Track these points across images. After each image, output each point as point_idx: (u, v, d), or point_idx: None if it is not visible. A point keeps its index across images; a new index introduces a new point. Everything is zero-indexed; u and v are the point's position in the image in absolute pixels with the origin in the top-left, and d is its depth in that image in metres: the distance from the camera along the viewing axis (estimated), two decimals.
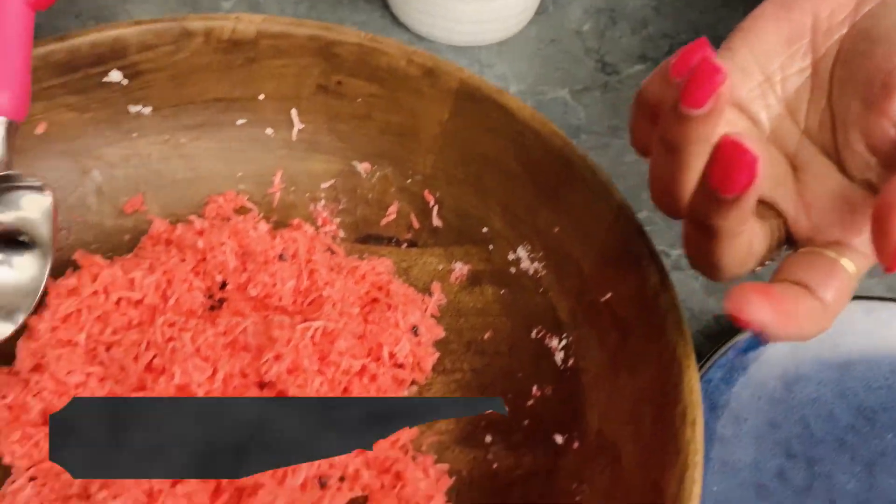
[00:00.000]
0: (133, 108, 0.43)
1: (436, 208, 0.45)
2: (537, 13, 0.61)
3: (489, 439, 0.39)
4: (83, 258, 0.40)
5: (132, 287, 0.39)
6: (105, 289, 0.39)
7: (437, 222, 0.45)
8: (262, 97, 0.45)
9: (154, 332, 0.37)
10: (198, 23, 0.42)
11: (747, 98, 0.33)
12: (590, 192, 0.39)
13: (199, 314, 0.40)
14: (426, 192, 0.45)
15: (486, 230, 0.44)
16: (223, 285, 0.42)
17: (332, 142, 0.46)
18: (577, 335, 0.39)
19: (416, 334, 0.41)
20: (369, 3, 0.60)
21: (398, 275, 0.44)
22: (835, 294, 0.29)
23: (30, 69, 0.38)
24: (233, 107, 0.45)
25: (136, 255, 0.42)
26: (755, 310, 0.28)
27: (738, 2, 0.63)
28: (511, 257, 0.43)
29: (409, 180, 0.45)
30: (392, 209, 0.46)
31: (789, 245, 0.33)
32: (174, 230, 0.42)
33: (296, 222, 0.45)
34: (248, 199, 0.45)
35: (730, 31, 0.34)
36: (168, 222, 0.43)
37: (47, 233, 0.38)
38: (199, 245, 0.41)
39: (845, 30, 0.32)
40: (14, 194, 0.38)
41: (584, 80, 0.58)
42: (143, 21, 0.42)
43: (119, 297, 0.39)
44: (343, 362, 0.38)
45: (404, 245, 0.45)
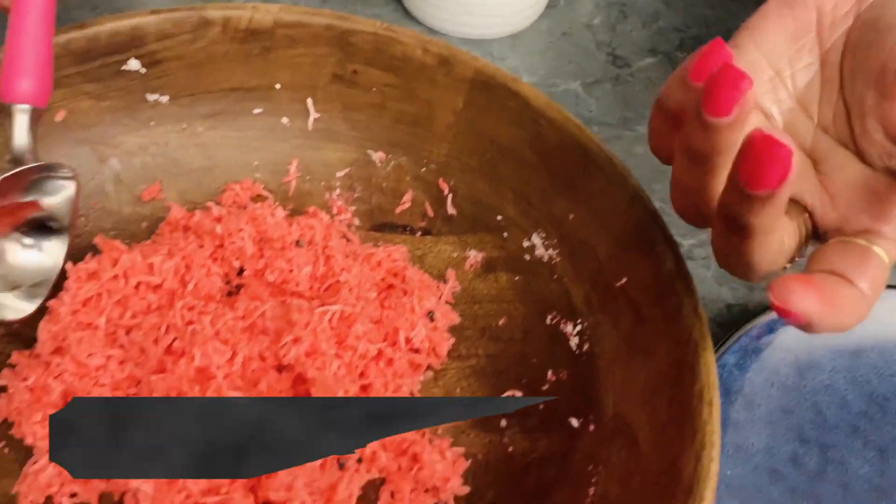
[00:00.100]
0: (151, 97, 0.44)
1: (450, 196, 0.45)
2: (549, 7, 0.61)
3: (504, 423, 0.39)
4: (103, 243, 0.40)
5: (151, 272, 0.39)
6: (125, 273, 0.39)
7: (451, 210, 0.45)
8: (278, 86, 0.45)
9: (174, 315, 0.38)
10: (216, 12, 0.43)
11: (759, 94, 0.33)
12: (605, 179, 0.39)
13: (218, 299, 0.40)
14: (440, 180, 0.45)
15: (500, 218, 0.44)
16: (240, 271, 0.42)
17: (348, 131, 0.46)
18: (591, 320, 0.40)
19: (431, 319, 0.41)
20: None
21: (413, 262, 0.44)
22: (871, 282, 0.29)
23: (52, 57, 0.38)
24: (249, 96, 0.45)
25: (155, 241, 0.42)
26: (799, 300, 0.27)
27: None
28: (526, 244, 0.43)
29: (424, 169, 0.46)
30: (406, 197, 0.46)
31: (816, 239, 0.32)
32: (192, 217, 0.43)
33: (311, 210, 0.45)
34: (263, 188, 0.46)
35: (740, 25, 0.34)
36: (185, 209, 0.44)
37: (68, 217, 0.39)
38: (218, 231, 0.41)
39: (850, 22, 0.32)
40: (50, 183, 0.39)
41: (595, 73, 0.58)
42: (161, 10, 0.42)
43: (138, 282, 0.39)
44: (360, 346, 0.38)
45: (419, 233, 0.46)
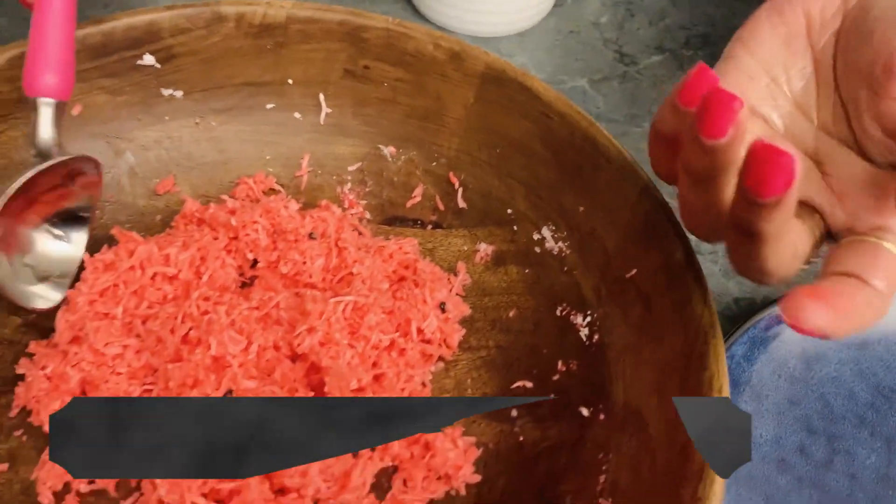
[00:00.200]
0: (165, 92, 0.44)
1: (460, 190, 0.46)
2: (556, 5, 0.62)
3: (515, 413, 0.40)
4: (120, 234, 0.41)
5: (167, 262, 0.40)
6: (141, 264, 0.40)
7: (461, 204, 0.46)
8: (290, 81, 0.46)
9: (190, 305, 0.38)
10: (230, 7, 0.43)
11: (757, 101, 0.34)
12: (615, 172, 0.40)
13: (232, 290, 0.41)
14: (451, 174, 0.46)
15: (510, 211, 0.44)
16: (254, 263, 0.43)
17: (359, 126, 0.47)
18: (601, 312, 0.40)
19: (443, 311, 0.41)
20: None
21: (423, 256, 0.45)
22: (886, 278, 0.29)
23: (73, 51, 0.39)
24: (262, 91, 0.46)
25: (169, 233, 0.43)
26: (811, 316, 0.27)
27: None
28: (535, 237, 0.44)
29: (434, 163, 0.46)
30: (417, 191, 0.46)
31: (830, 239, 0.33)
32: (206, 209, 0.43)
33: (324, 204, 0.45)
34: (276, 182, 0.46)
35: (733, 35, 0.35)
36: (199, 203, 0.44)
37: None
38: (232, 223, 0.41)
39: (839, 22, 0.32)
40: (79, 175, 0.40)
41: (602, 70, 0.58)
42: (175, 5, 0.43)
43: (154, 273, 0.40)
44: (373, 337, 0.39)
45: (429, 226, 0.46)
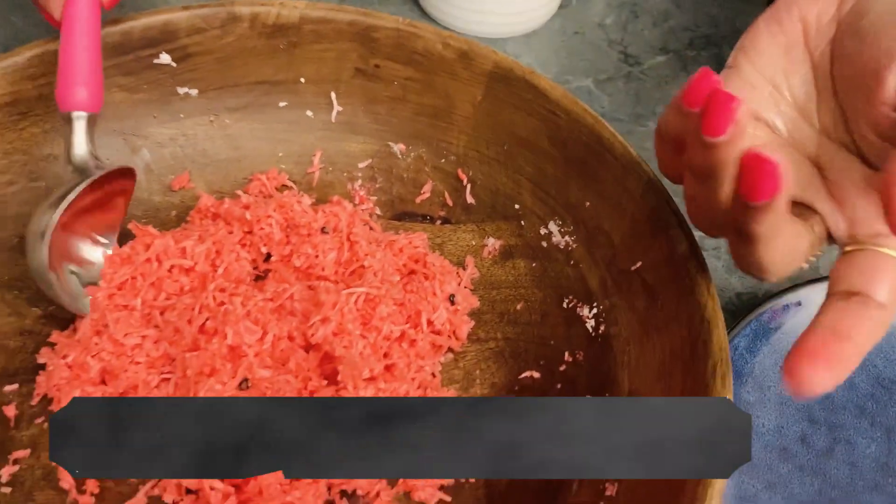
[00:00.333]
0: (181, 90, 0.45)
1: (469, 186, 0.47)
2: (561, 7, 0.63)
3: None
4: (136, 228, 0.42)
5: (184, 255, 0.41)
6: (157, 257, 0.41)
7: (470, 200, 0.47)
8: (302, 80, 0.47)
9: (206, 296, 0.39)
10: (244, 8, 0.44)
11: (760, 108, 0.35)
12: (620, 166, 0.40)
13: (247, 283, 0.42)
14: (459, 171, 0.47)
15: (517, 206, 0.45)
16: (268, 257, 0.44)
17: (370, 123, 0.48)
18: (607, 303, 0.41)
19: (452, 303, 0.42)
20: None
21: (433, 250, 0.46)
22: (889, 288, 0.30)
23: (101, 64, 0.39)
24: (275, 89, 0.47)
25: (185, 227, 0.44)
26: (814, 382, 0.28)
27: None
28: (542, 232, 0.45)
29: (443, 160, 0.47)
30: (426, 188, 0.47)
31: (832, 241, 0.33)
32: (221, 204, 0.44)
33: (335, 199, 0.46)
34: (288, 178, 0.47)
35: (749, 24, 0.36)
36: (214, 198, 0.45)
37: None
38: (247, 217, 0.42)
39: (834, 29, 0.34)
40: (117, 183, 0.41)
41: (607, 71, 0.60)
42: (191, 6, 0.44)
43: (171, 265, 0.41)
44: (384, 327, 0.40)
45: (438, 222, 0.47)
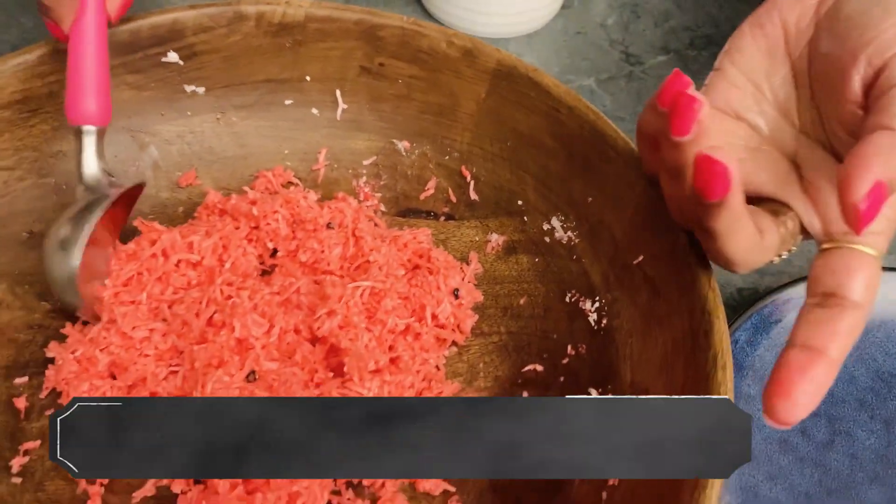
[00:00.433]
0: (188, 88, 0.46)
1: (472, 183, 0.47)
2: (563, 7, 0.63)
3: (526, 395, 0.41)
4: (142, 225, 0.42)
5: (191, 250, 0.41)
6: (164, 252, 0.41)
7: (473, 196, 0.47)
8: (308, 78, 0.47)
9: (214, 290, 0.40)
10: (250, 7, 0.45)
11: (743, 108, 0.36)
12: (622, 162, 0.41)
13: (254, 277, 0.42)
14: (463, 167, 0.47)
15: (520, 203, 0.46)
16: (274, 252, 0.44)
17: (374, 121, 0.48)
18: (609, 297, 0.41)
19: (456, 297, 0.43)
20: None
21: (437, 246, 0.46)
22: (863, 286, 0.30)
23: (109, 77, 0.40)
24: (281, 87, 0.47)
25: (192, 223, 0.45)
26: (790, 417, 0.29)
27: None
28: (545, 227, 0.45)
29: (447, 157, 0.48)
30: (430, 184, 0.48)
31: (808, 237, 0.34)
32: (228, 200, 0.45)
33: (340, 196, 0.47)
34: (294, 175, 0.48)
35: (731, 36, 0.38)
36: (221, 194, 0.46)
37: None
38: (254, 213, 0.43)
39: (812, 32, 0.35)
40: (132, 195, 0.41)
41: (609, 70, 0.60)
42: (198, 5, 0.45)
43: (178, 260, 0.41)
44: (389, 321, 0.40)
45: (442, 218, 0.48)
